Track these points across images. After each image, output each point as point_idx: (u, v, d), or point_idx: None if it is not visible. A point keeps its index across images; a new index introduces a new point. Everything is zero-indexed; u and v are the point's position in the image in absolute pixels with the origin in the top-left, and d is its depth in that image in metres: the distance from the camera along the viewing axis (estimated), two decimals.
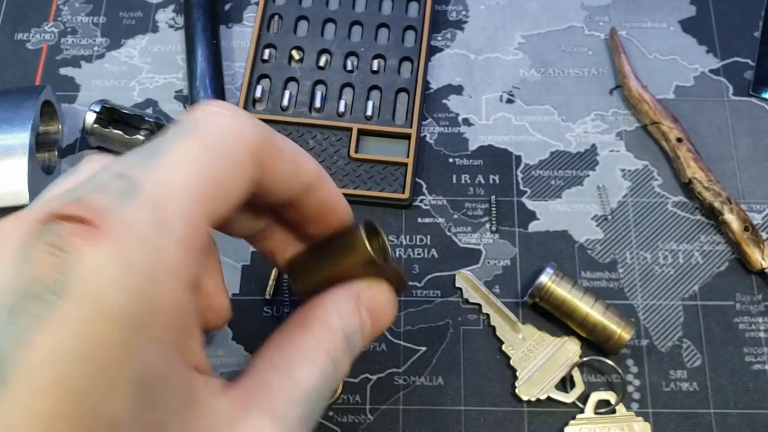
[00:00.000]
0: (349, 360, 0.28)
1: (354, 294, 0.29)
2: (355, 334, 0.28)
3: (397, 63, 0.52)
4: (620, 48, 0.52)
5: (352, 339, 0.28)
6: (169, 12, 0.55)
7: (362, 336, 0.29)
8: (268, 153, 0.26)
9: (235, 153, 0.24)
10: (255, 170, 0.25)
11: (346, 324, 0.28)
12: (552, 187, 0.49)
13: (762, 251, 0.45)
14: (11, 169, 0.44)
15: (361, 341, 0.29)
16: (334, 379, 0.27)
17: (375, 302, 0.29)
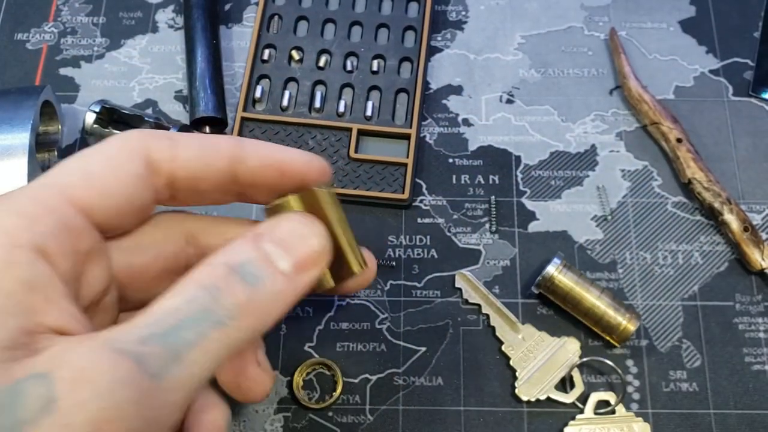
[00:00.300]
0: (241, 287, 0.26)
1: (249, 232, 0.28)
2: (249, 263, 0.27)
3: (397, 63, 0.52)
4: (620, 48, 0.52)
5: (246, 269, 0.27)
6: (168, 12, 0.55)
7: (266, 265, 0.27)
8: (159, 149, 0.29)
9: (118, 155, 0.29)
10: (139, 165, 0.29)
11: (231, 257, 0.27)
12: (552, 187, 0.49)
13: (762, 251, 0.45)
14: (11, 169, 0.44)
15: (266, 269, 0.27)
16: (221, 306, 0.25)
17: (283, 232, 0.28)
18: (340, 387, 0.43)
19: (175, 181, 0.30)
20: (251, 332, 0.26)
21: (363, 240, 0.47)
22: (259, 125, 0.50)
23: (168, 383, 0.23)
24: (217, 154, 0.30)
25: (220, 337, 0.25)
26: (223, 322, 0.25)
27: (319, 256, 0.29)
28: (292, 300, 0.27)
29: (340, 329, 0.45)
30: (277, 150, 0.31)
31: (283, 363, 0.44)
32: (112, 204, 0.28)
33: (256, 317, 0.26)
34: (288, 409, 0.43)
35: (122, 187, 0.28)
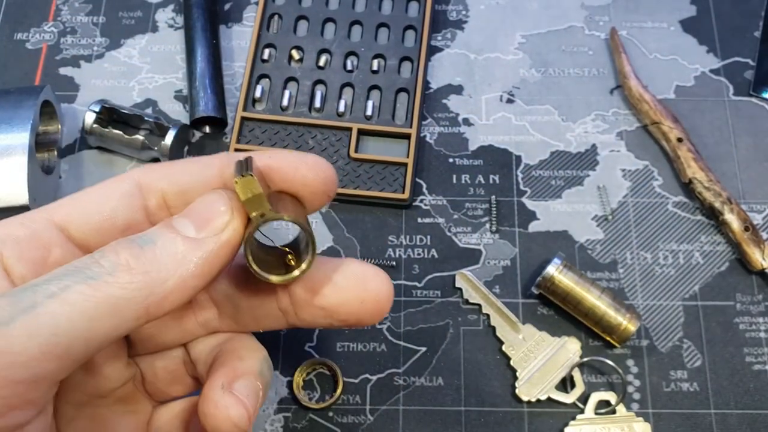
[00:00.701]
0: (128, 248, 0.27)
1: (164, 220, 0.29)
2: (152, 233, 0.28)
3: (397, 63, 0.52)
4: (620, 48, 0.52)
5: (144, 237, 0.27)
6: (168, 12, 0.55)
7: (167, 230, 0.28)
8: (152, 170, 0.31)
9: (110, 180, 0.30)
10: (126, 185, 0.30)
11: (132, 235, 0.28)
12: (552, 187, 0.49)
13: (762, 251, 0.45)
14: (11, 169, 0.44)
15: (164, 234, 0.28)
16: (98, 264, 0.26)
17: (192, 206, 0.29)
18: (340, 387, 0.43)
19: (167, 199, 0.30)
20: (139, 290, 0.26)
21: (363, 240, 0.47)
22: (259, 125, 0.50)
23: (13, 331, 0.23)
24: (205, 167, 0.30)
25: (91, 291, 0.25)
26: (96, 277, 0.25)
27: (228, 221, 0.28)
28: (200, 263, 0.27)
29: (340, 329, 0.45)
30: (265, 154, 0.31)
31: (284, 363, 0.44)
32: (90, 220, 0.29)
33: (144, 275, 0.26)
34: (288, 409, 0.43)
35: (103, 205, 0.29)
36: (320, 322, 0.32)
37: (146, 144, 0.48)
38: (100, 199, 0.30)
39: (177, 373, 0.33)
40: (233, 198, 0.28)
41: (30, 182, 0.44)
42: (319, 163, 0.31)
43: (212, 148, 0.50)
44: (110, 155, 0.50)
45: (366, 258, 0.46)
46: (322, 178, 0.31)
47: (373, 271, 0.32)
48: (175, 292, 0.26)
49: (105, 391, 0.31)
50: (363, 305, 0.31)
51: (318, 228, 0.47)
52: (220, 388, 0.29)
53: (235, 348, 0.32)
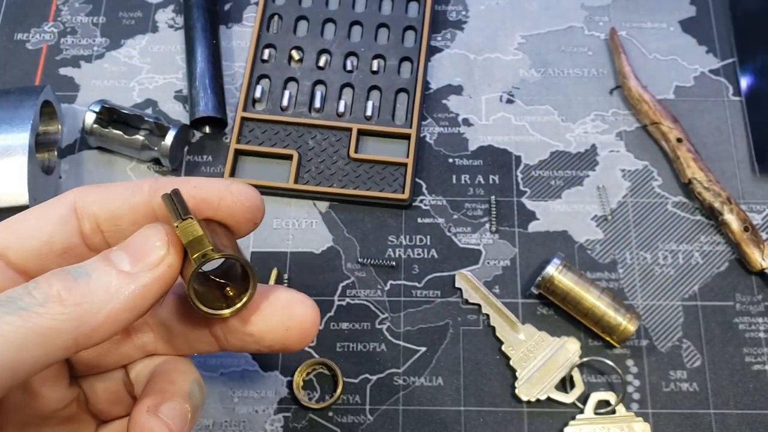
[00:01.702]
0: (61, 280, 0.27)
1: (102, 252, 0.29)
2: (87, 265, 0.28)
3: (397, 63, 0.52)
4: (620, 48, 0.52)
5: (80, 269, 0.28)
6: (168, 12, 0.55)
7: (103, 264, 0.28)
8: (86, 194, 0.31)
9: (47, 203, 0.31)
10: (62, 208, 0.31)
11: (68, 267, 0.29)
12: (552, 187, 0.49)
13: (762, 251, 0.45)
14: (11, 169, 0.44)
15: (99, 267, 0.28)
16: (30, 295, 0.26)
17: (129, 240, 0.29)
18: (340, 387, 0.43)
19: (99, 223, 0.31)
20: (69, 323, 0.26)
21: (363, 240, 0.47)
22: (259, 125, 0.50)
23: None
24: (134, 190, 0.31)
25: (20, 322, 0.25)
26: (26, 308, 0.26)
27: (163, 256, 0.28)
28: (132, 297, 0.28)
29: (340, 329, 0.45)
30: (191, 179, 0.31)
31: (284, 363, 0.44)
32: (29, 245, 0.30)
33: (76, 309, 0.26)
34: (288, 409, 0.43)
35: (40, 230, 0.30)
36: (249, 347, 0.33)
37: (146, 144, 0.48)
38: (37, 224, 0.30)
39: (118, 394, 0.34)
40: (170, 233, 0.29)
41: (30, 182, 0.44)
42: (243, 192, 0.31)
43: (212, 148, 0.50)
44: (110, 155, 0.50)
45: (365, 258, 0.46)
46: (247, 207, 0.31)
47: (300, 299, 0.32)
48: (106, 324, 0.27)
49: (47, 412, 0.32)
50: (288, 332, 0.32)
51: (318, 228, 0.47)
52: (146, 411, 0.30)
53: (167, 371, 0.33)
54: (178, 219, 0.28)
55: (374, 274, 0.46)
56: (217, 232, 0.30)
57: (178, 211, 0.28)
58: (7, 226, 0.30)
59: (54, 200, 0.31)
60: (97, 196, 0.31)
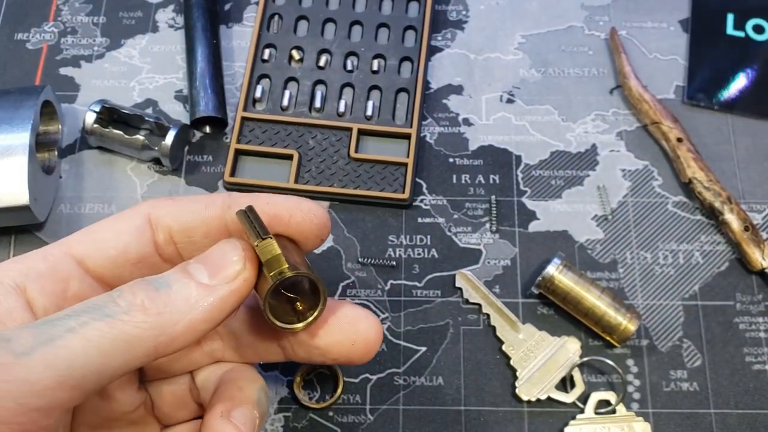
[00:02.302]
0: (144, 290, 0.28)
1: (180, 264, 0.30)
2: (167, 276, 0.29)
3: (397, 63, 0.52)
4: (620, 48, 0.52)
5: (161, 279, 0.29)
6: (169, 12, 0.55)
7: (182, 275, 0.29)
8: (159, 206, 0.33)
9: (122, 214, 0.33)
10: (138, 220, 0.32)
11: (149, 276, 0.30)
12: (552, 187, 0.49)
13: (762, 251, 0.45)
14: (11, 169, 0.44)
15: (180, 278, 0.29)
16: (115, 303, 0.27)
17: (207, 253, 0.31)
18: (340, 387, 0.43)
19: (172, 235, 0.32)
20: (151, 330, 0.27)
21: (363, 240, 0.47)
22: (259, 125, 0.50)
23: (32, 361, 0.25)
24: (207, 204, 0.32)
25: (107, 328, 0.26)
26: (112, 315, 0.27)
27: (240, 270, 0.30)
28: (210, 309, 0.29)
29: None
30: (265, 196, 0.32)
31: (284, 363, 0.44)
32: (106, 255, 0.32)
33: (157, 316, 0.28)
34: (288, 409, 0.43)
35: (117, 239, 0.32)
36: (315, 359, 0.34)
37: (146, 144, 0.48)
38: (114, 234, 0.32)
39: (183, 399, 0.35)
40: (246, 248, 0.30)
41: (30, 182, 0.44)
42: (312, 210, 0.33)
43: (212, 147, 0.50)
44: (110, 155, 0.50)
45: (366, 258, 0.46)
46: (316, 225, 0.33)
47: (365, 315, 0.34)
48: (185, 334, 0.28)
49: (118, 414, 0.33)
50: (354, 347, 0.33)
51: None
52: (219, 417, 0.31)
53: (235, 378, 0.34)
54: (257, 238, 0.30)
55: (374, 273, 0.46)
56: (289, 249, 0.31)
57: (256, 229, 0.30)
58: (86, 236, 0.32)
59: (129, 211, 0.33)
60: (171, 208, 0.32)
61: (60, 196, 0.49)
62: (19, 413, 0.24)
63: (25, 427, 0.25)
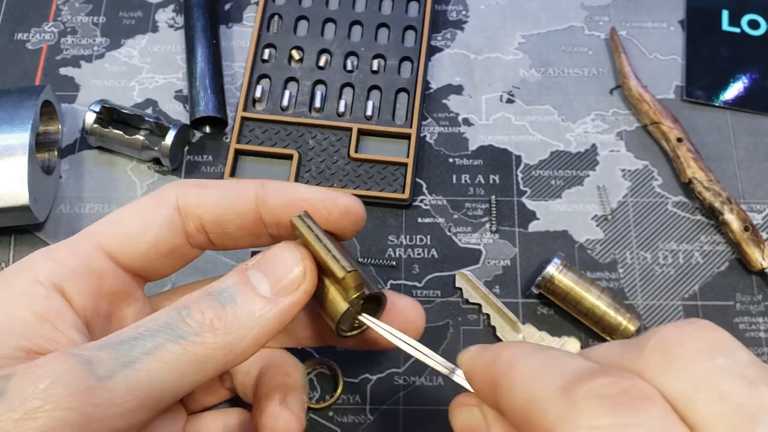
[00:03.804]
0: (211, 307, 0.28)
1: (241, 266, 0.31)
2: (229, 288, 0.29)
3: (397, 63, 0.52)
4: (620, 48, 0.52)
5: (224, 292, 0.29)
6: (169, 12, 0.55)
7: (245, 288, 0.29)
8: (187, 195, 0.32)
9: (148, 203, 0.32)
10: (166, 211, 0.32)
11: (214, 285, 0.30)
12: (552, 187, 0.49)
13: (762, 251, 0.45)
14: (11, 169, 0.44)
15: (243, 292, 0.29)
16: (185, 323, 0.28)
17: (266, 260, 0.31)
18: (340, 387, 0.43)
19: (204, 225, 0.32)
20: (221, 350, 0.28)
21: (364, 240, 0.47)
22: (259, 125, 0.50)
23: (115, 384, 0.25)
24: (239, 195, 0.32)
25: (180, 350, 0.27)
26: (184, 336, 0.27)
27: (301, 280, 0.30)
28: (274, 321, 0.29)
29: None
30: (298, 189, 0.33)
31: None
32: (138, 248, 0.32)
33: (226, 335, 0.28)
34: None
35: (147, 232, 0.32)
36: (359, 346, 0.36)
37: (146, 144, 0.48)
38: (143, 226, 0.32)
39: (211, 384, 0.36)
40: (306, 258, 0.31)
41: (30, 182, 0.44)
42: (350, 204, 0.33)
43: (212, 147, 0.50)
44: (110, 155, 0.50)
45: (366, 258, 0.46)
46: (353, 220, 0.33)
47: (411, 303, 0.35)
48: (251, 348, 0.29)
49: None
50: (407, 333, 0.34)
51: None
52: (278, 404, 0.33)
53: (280, 365, 0.35)
54: (343, 270, 0.30)
55: (374, 273, 0.46)
56: (341, 250, 0.32)
57: (331, 253, 0.31)
58: (114, 228, 0.32)
59: (154, 199, 0.32)
60: (200, 198, 0.32)
61: (60, 196, 0.49)
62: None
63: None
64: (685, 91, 0.51)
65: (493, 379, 0.25)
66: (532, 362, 0.24)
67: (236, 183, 0.33)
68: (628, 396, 0.21)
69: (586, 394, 0.21)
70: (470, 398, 0.28)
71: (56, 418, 0.24)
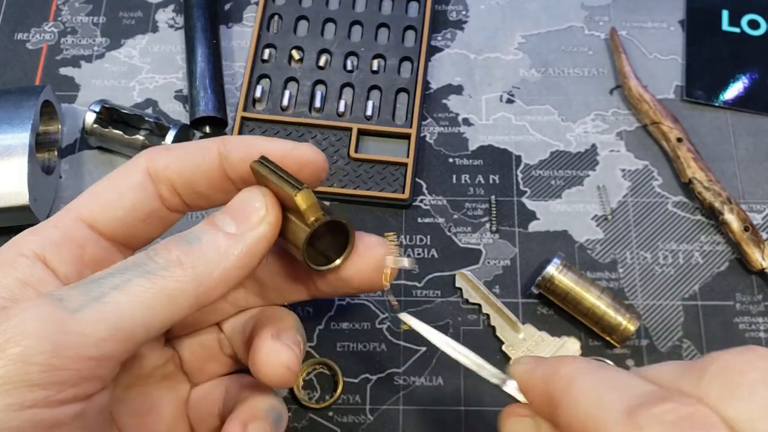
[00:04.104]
0: (178, 245, 0.29)
1: (207, 218, 0.31)
2: (196, 230, 0.30)
3: (397, 63, 0.52)
4: (620, 48, 0.52)
5: (191, 233, 0.30)
6: (169, 12, 0.55)
7: (210, 228, 0.30)
8: (155, 159, 0.33)
9: (120, 172, 0.33)
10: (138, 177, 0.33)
11: (180, 233, 0.30)
12: (552, 187, 0.49)
13: (762, 251, 0.45)
14: (11, 169, 0.44)
15: (208, 230, 0.30)
16: (153, 260, 0.29)
17: (231, 204, 0.31)
18: (340, 387, 0.43)
19: (176, 187, 0.33)
20: (190, 284, 0.29)
21: None
22: (259, 125, 0.50)
23: (84, 316, 0.26)
24: (204, 154, 0.33)
25: (149, 284, 0.28)
26: (153, 272, 0.28)
27: (264, 215, 0.31)
28: (241, 256, 0.30)
29: (341, 329, 0.45)
30: (257, 141, 0.33)
31: None
32: (115, 215, 0.33)
33: (194, 271, 0.29)
34: (288, 409, 0.43)
35: (122, 199, 0.33)
36: (339, 291, 0.35)
37: (147, 144, 0.48)
38: (118, 194, 0.33)
39: (212, 352, 0.37)
40: (267, 194, 0.31)
41: (30, 182, 0.44)
42: (305, 154, 0.33)
43: None
44: (110, 155, 0.50)
45: None
46: (312, 170, 0.33)
47: (378, 240, 0.35)
48: (221, 282, 0.29)
49: (148, 370, 0.35)
50: (375, 272, 0.34)
51: None
52: (270, 338, 0.33)
53: (271, 314, 0.36)
54: (294, 189, 0.30)
55: None
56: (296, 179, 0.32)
57: (285, 178, 0.31)
58: (91, 198, 0.33)
59: (127, 167, 0.33)
60: (168, 160, 0.33)
61: (60, 196, 0.49)
62: (77, 361, 0.26)
63: (83, 374, 0.26)
64: (685, 91, 0.51)
65: (551, 393, 0.26)
66: (593, 381, 0.25)
67: (200, 142, 0.34)
68: (691, 422, 0.21)
69: (650, 419, 0.22)
70: (523, 409, 0.29)
71: (27, 346, 0.25)
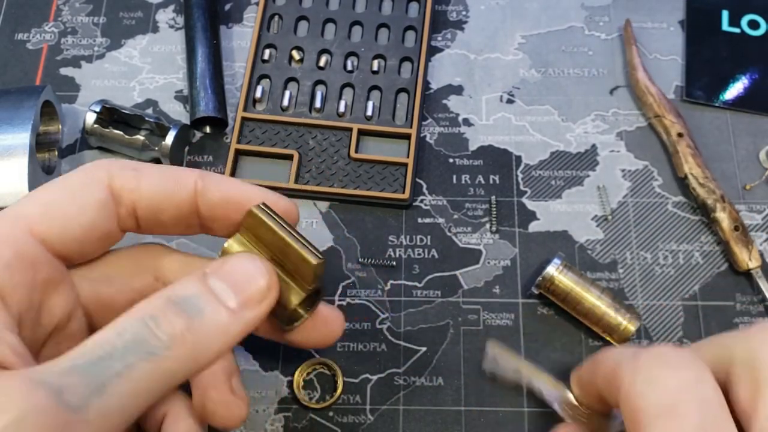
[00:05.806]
0: (180, 318, 0.27)
1: (199, 272, 0.29)
2: (194, 297, 0.28)
3: (397, 63, 0.52)
4: (632, 40, 0.52)
5: (189, 302, 0.28)
6: (169, 12, 0.55)
7: (211, 299, 0.28)
8: (122, 178, 0.31)
9: (80, 183, 0.30)
10: (100, 193, 0.30)
11: (175, 291, 0.28)
12: (552, 187, 0.49)
13: (750, 252, 0.45)
14: (11, 169, 0.44)
15: (211, 303, 0.28)
16: (155, 336, 0.26)
17: (230, 270, 0.29)
18: (340, 387, 0.43)
19: (137, 210, 0.31)
20: (189, 363, 0.27)
21: (363, 240, 0.47)
22: (259, 125, 0.50)
23: (89, 414, 0.24)
24: (179, 186, 0.31)
25: (151, 367, 0.26)
26: (155, 352, 0.26)
27: (266, 294, 0.30)
28: (238, 334, 0.29)
29: None
30: (239, 186, 0.32)
31: (284, 363, 0.44)
32: (72, 233, 0.30)
33: (194, 348, 0.27)
34: (288, 409, 0.43)
35: (82, 216, 0.30)
36: (281, 341, 0.37)
37: (147, 144, 0.48)
38: (78, 210, 0.30)
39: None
40: (270, 271, 0.30)
41: (30, 182, 0.44)
42: (276, 204, 0.33)
43: (213, 147, 0.50)
44: (111, 155, 0.50)
45: (366, 258, 0.46)
46: (291, 221, 0.33)
47: (336, 314, 0.37)
48: (213, 359, 0.28)
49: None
50: (324, 339, 0.37)
51: (318, 228, 0.47)
52: (229, 392, 0.33)
53: None
54: (315, 256, 0.31)
55: (374, 274, 0.46)
56: (305, 239, 0.33)
57: (298, 239, 0.31)
58: (47, 212, 0.30)
59: (84, 179, 0.31)
60: (137, 184, 0.31)
61: None
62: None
63: None
64: (685, 91, 0.51)
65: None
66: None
67: (175, 171, 0.32)
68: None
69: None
70: None
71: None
